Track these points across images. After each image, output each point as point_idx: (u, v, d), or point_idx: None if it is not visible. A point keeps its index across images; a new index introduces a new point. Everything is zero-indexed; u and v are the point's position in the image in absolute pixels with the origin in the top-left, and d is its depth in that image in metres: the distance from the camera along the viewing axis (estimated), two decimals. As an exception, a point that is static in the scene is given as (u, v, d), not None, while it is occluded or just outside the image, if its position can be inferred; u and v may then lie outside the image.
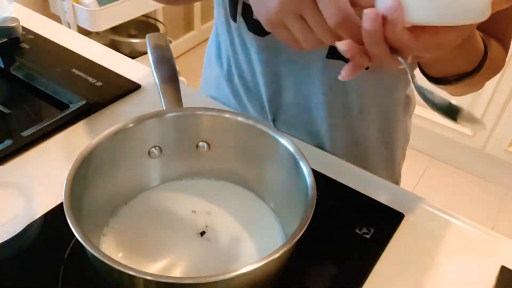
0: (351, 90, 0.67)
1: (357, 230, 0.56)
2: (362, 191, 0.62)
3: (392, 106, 0.73)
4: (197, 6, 2.51)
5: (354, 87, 0.67)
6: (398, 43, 0.38)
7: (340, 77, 0.41)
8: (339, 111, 0.69)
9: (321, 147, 0.71)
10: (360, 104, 0.69)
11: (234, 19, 0.65)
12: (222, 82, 0.76)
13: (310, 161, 0.47)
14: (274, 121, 0.73)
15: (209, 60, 0.80)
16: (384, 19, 0.36)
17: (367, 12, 0.37)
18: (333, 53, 0.62)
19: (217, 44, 0.75)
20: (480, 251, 0.57)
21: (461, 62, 0.53)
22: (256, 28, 0.63)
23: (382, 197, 0.61)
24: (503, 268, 0.54)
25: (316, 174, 0.48)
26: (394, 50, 0.39)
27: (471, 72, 0.53)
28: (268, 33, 0.62)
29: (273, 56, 0.66)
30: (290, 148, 0.49)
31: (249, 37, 0.65)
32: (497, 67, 0.60)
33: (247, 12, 0.62)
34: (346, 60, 0.55)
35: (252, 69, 0.69)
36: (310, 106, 0.69)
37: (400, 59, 0.40)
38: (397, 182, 0.83)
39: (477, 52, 0.53)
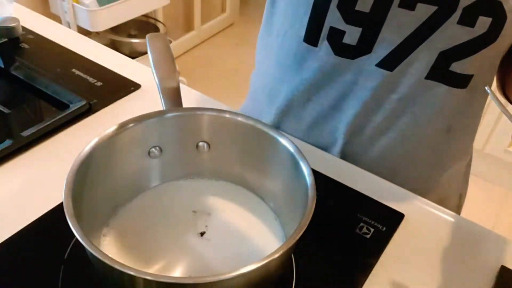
0: (442, 109, 0.63)
1: (357, 230, 0.56)
2: (362, 191, 0.62)
3: (476, 122, 0.71)
4: (197, 6, 2.51)
5: (447, 106, 0.62)
6: None
7: None
8: (426, 130, 0.65)
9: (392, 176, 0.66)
10: (449, 123, 0.65)
11: (314, 43, 0.62)
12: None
13: (310, 161, 0.47)
14: (344, 144, 0.68)
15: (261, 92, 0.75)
16: None
17: None
18: (432, 75, 0.58)
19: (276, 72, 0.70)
20: (480, 251, 0.57)
21: None
22: (344, 51, 0.61)
23: (382, 197, 0.61)
24: (503, 268, 0.54)
25: (316, 174, 0.48)
26: None
27: None
28: (357, 56, 0.60)
29: (366, 80, 0.62)
30: (290, 148, 0.49)
31: (337, 60, 0.62)
32: None
33: (334, 36, 0.60)
34: (445, 82, 0.58)
35: (334, 91, 0.65)
36: (391, 128, 0.65)
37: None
38: (458, 205, 0.78)
39: None
